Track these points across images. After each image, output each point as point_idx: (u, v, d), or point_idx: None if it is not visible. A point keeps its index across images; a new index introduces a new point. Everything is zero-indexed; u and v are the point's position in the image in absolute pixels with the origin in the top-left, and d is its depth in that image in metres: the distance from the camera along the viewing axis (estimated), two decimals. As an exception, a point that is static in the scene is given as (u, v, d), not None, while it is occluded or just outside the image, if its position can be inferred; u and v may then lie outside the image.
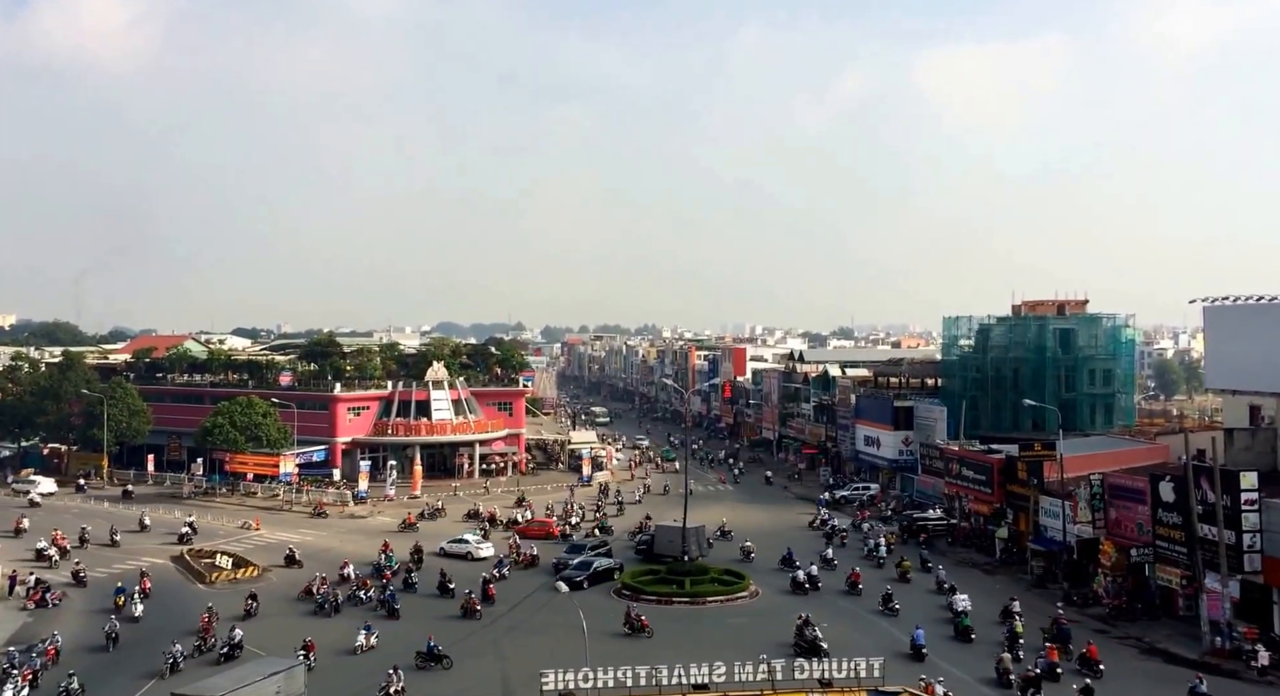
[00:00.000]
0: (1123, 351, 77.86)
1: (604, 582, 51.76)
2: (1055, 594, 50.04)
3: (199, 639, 40.88)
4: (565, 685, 27.00)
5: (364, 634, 40.75)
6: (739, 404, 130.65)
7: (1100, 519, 49.47)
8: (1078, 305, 79.35)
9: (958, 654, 40.03)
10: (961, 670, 37.08)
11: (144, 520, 67.90)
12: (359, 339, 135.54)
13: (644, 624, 42.15)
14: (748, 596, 49.62)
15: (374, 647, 40.24)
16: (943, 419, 76.58)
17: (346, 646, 40.28)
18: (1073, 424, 71.01)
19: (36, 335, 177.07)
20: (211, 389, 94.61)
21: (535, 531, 64.96)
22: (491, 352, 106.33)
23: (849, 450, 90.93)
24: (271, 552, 59.90)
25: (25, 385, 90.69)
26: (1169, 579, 45.61)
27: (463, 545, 59.29)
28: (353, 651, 39.90)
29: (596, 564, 53.10)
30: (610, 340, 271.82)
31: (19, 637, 43.49)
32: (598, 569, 52.59)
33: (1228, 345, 54.32)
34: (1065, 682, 34.68)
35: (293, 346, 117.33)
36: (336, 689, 35.52)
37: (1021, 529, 58.17)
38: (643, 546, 59.49)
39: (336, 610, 46.36)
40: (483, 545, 59.44)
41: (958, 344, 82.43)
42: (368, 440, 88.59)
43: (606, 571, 52.91)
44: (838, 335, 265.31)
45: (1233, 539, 40.70)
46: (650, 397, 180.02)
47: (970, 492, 64.44)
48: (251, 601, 46.02)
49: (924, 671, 34.20)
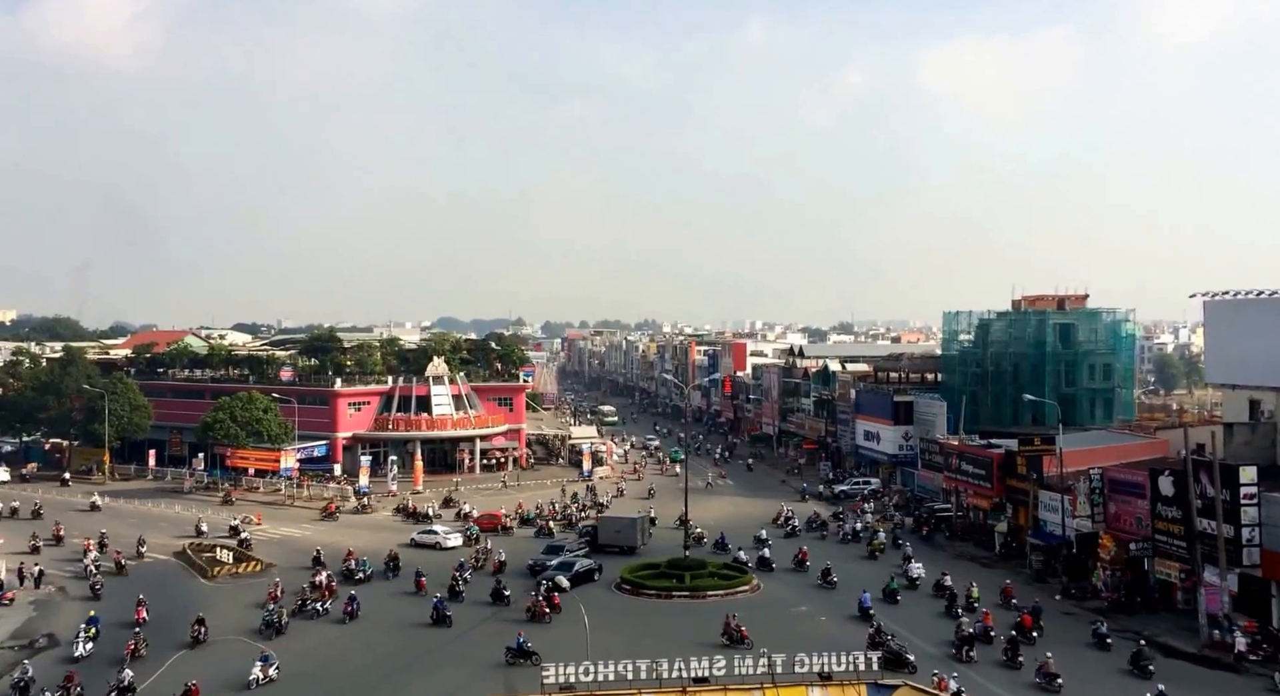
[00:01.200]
0: (1123, 346, 77.83)
1: (586, 583, 50.50)
2: (1054, 588, 50.29)
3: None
4: (565, 678, 26.92)
5: (259, 666, 35.52)
6: (739, 399, 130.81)
7: (1099, 513, 49.57)
8: (1078, 300, 79.34)
9: (902, 613, 45.44)
10: (903, 626, 42.55)
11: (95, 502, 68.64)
12: (359, 334, 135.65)
13: (744, 634, 39.52)
14: (748, 590, 49.74)
15: (272, 681, 35.59)
16: (942, 414, 76.71)
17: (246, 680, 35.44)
18: (1072, 418, 70.96)
19: (37, 330, 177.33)
20: (212, 384, 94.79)
21: (486, 523, 65.62)
22: (492, 348, 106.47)
23: (849, 445, 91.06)
24: (271, 547, 60.11)
25: (26, 380, 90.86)
26: (1168, 573, 45.69)
27: (432, 535, 61.60)
28: (246, 686, 35.13)
29: (579, 564, 51.90)
30: (610, 335, 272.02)
31: (22, 632, 43.61)
32: (580, 570, 51.29)
33: (1228, 339, 54.20)
34: (997, 645, 39.74)
35: (293, 342, 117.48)
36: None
37: (1021, 523, 58.28)
38: (586, 537, 60.28)
39: (280, 631, 41.53)
40: (451, 535, 61.58)
41: (958, 339, 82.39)
42: (368, 435, 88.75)
43: (588, 572, 51.63)
44: (838, 330, 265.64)
45: (1232, 533, 40.77)
46: (650, 393, 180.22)
47: (970, 487, 64.55)
48: (199, 627, 41.12)
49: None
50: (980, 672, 37.03)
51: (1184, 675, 36.42)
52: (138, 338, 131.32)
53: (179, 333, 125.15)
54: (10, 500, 73.61)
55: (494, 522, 65.81)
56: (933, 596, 48.59)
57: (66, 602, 48.93)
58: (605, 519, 62.94)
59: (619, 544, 58.94)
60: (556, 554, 54.09)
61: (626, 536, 59.48)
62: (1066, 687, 34.86)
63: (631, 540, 59.20)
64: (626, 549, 58.49)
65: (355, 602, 44.80)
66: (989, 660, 38.53)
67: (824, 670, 28.04)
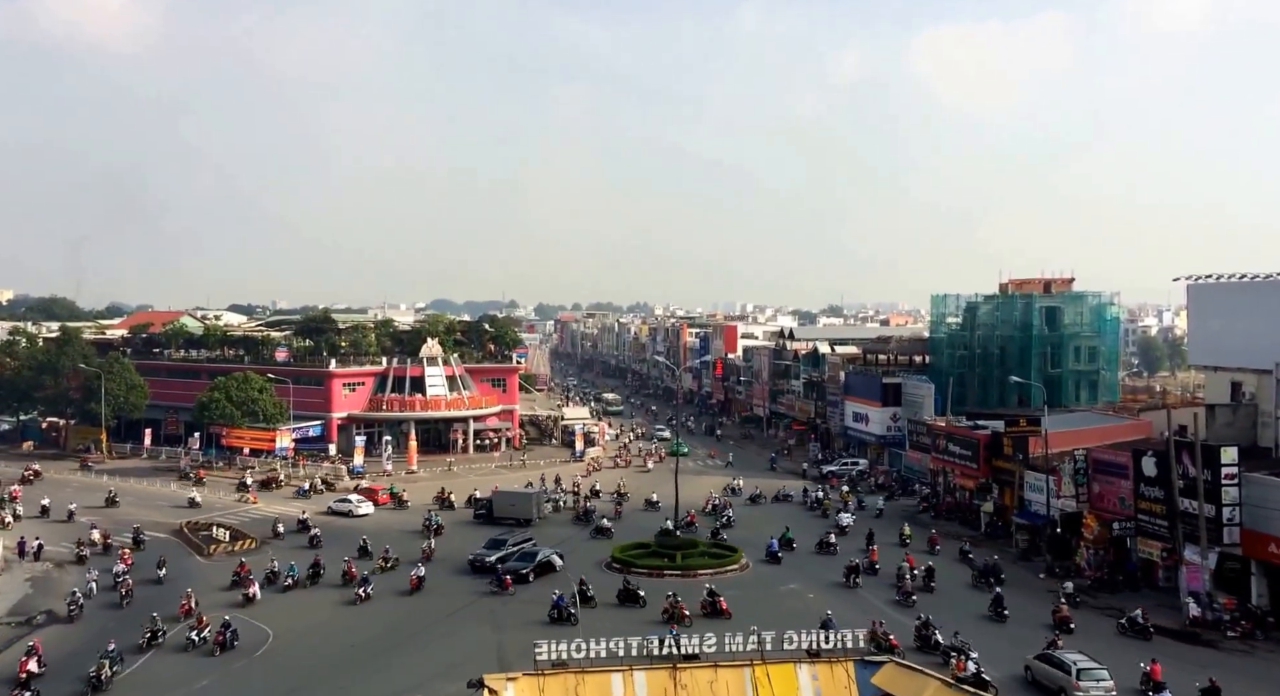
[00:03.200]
0: (1107, 329, 78.63)
1: (548, 574, 48.52)
2: (1038, 566, 51.11)
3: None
4: (559, 655, 27.29)
5: None
6: (730, 381, 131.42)
7: (1083, 493, 50.39)
8: (1063, 283, 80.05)
9: (825, 558, 53.03)
10: (820, 570, 50.44)
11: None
12: (354, 316, 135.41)
13: (724, 608, 41.33)
14: (738, 569, 50.36)
15: None
16: (930, 395, 77.33)
17: None
18: (1058, 400, 71.82)
19: (34, 310, 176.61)
20: (208, 364, 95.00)
21: (368, 498, 67.59)
22: (485, 329, 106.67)
23: (838, 426, 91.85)
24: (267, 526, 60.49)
25: (23, 359, 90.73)
26: (1149, 551, 46.43)
27: (345, 504, 65.25)
28: None
29: (541, 555, 49.78)
30: (603, 318, 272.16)
31: (20, 608, 44.08)
32: (542, 560, 49.27)
33: (1210, 322, 54.89)
34: (884, 576, 48.19)
35: (288, 323, 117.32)
36: None
37: (1006, 503, 59.05)
38: (481, 511, 62.58)
39: (97, 690, 33.13)
40: (362, 504, 65.23)
41: (945, 322, 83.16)
42: (363, 415, 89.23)
43: (549, 563, 49.55)
44: (828, 313, 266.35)
45: (1212, 512, 41.55)
46: (642, 375, 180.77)
47: (956, 467, 65.29)
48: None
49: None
50: (856, 595, 45.86)
51: (1168, 651, 37.26)
52: (134, 318, 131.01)
53: (175, 313, 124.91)
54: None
55: (372, 497, 67.71)
56: (863, 548, 53.38)
57: (64, 578, 49.28)
58: (500, 492, 64.23)
59: (514, 516, 60.88)
60: (498, 547, 50.74)
61: (521, 509, 61.33)
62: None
63: (527, 513, 61.05)
64: (522, 521, 60.18)
65: (230, 631, 37.81)
66: (876, 591, 46.40)
67: (812, 647, 28.49)
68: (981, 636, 38.07)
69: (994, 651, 36.31)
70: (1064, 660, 33.25)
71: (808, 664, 27.59)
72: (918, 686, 26.32)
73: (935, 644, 35.80)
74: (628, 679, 26.83)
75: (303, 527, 58.33)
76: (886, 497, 69.93)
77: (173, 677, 34.86)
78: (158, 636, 37.92)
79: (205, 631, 37.90)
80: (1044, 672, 33.72)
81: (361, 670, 35.97)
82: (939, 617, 38.95)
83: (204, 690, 33.78)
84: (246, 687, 34.23)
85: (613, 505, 66.47)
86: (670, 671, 26.99)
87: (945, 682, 26.48)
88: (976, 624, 41.00)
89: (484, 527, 59.37)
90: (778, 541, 53.72)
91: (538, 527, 59.44)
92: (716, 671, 27.21)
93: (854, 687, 27.14)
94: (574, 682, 26.58)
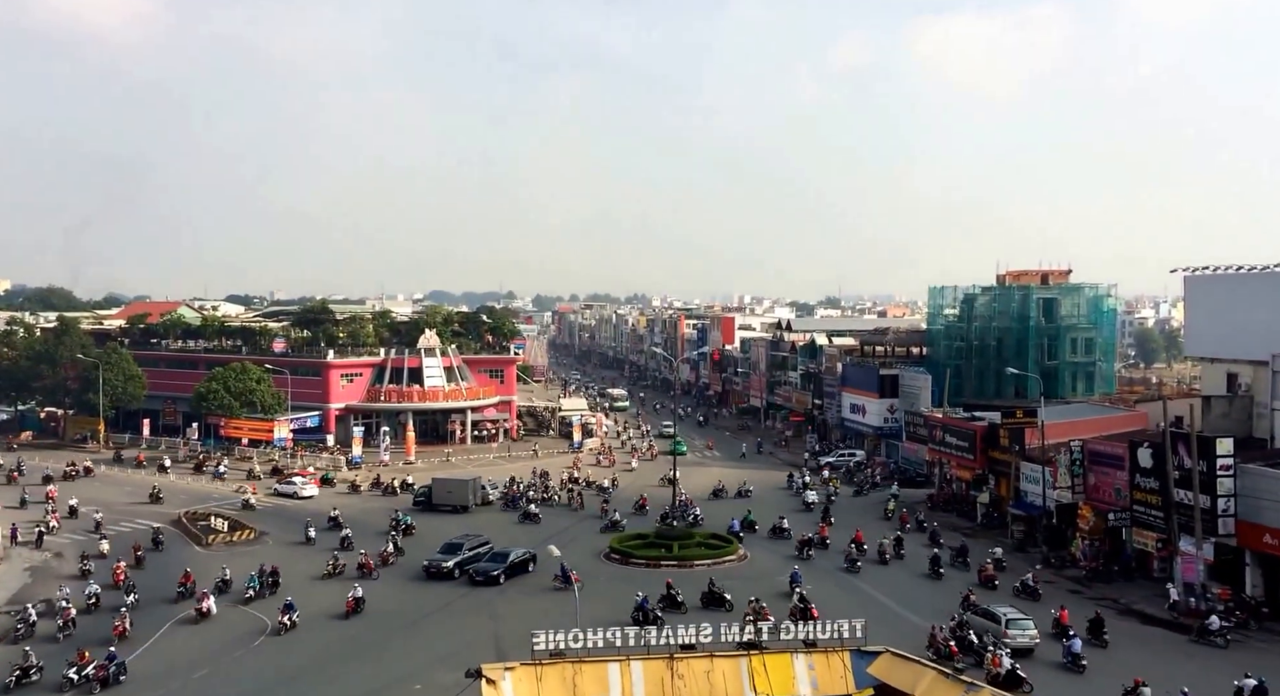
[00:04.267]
0: (1104, 320, 78.77)
1: (521, 575, 46.94)
2: (1034, 557, 51.29)
3: None
4: (556, 645, 27.16)
5: None
6: (727, 372, 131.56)
7: (1079, 484, 50.41)
8: (1061, 275, 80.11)
9: (781, 541, 55.57)
10: (779, 545, 54.13)
11: None
12: (352, 306, 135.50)
13: (725, 597, 41.93)
14: (735, 560, 50.53)
15: None
16: (927, 386, 77.27)
17: None
18: (1054, 391, 72.03)
19: (31, 300, 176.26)
20: (206, 355, 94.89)
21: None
22: (483, 321, 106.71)
23: (835, 417, 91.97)
24: (265, 517, 60.75)
25: (21, 350, 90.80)
26: (1145, 542, 46.59)
27: (290, 486, 67.76)
28: None
29: (514, 554, 47.53)
30: (600, 309, 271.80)
31: (20, 597, 43.99)
32: (515, 560, 47.17)
33: (1207, 314, 54.77)
34: (834, 549, 52.41)
35: (286, 313, 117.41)
36: None
37: (1002, 494, 59.19)
38: (421, 498, 64.25)
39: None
40: (307, 486, 67.56)
41: (943, 313, 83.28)
42: (361, 406, 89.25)
43: (523, 562, 47.65)
44: (825, 304, 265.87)
45: (1208, 503, 41.55)
46: (640, 366, 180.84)
47: (953, 458, 65.41)
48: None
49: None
50: (809, 564, 49.31)
51: (1160, 641, 37.46)
52: (131, 308, 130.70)
53: (172, 304, 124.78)
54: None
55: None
56: (822, 520, 58.19)
57: (64, 567, 49.45)
58: (439, 479, 65.84)
59: (451, 503, 62.59)
60: (455, 551, 47.80)
61: (458, 496, 63.04)
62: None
63: (463, 500, 62.75)
64: (459, 508, 61.90)
65: (115, 665, 33.65)
66: (828, 560, 51.00)
67: (808, 637, 28.44)
68: (917, 590, 45.15)
69: (929, 605, 42.44)
70: (995, 612, 37.91)
71: (804, 653, 27.50)
72: (914, 676, 26.18)
73: (969, 643, 35.73)
74: (625, 669, 26.72)
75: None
76: (856, 492, 70.63)
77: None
78: (29, 673, 33.10)
79: (88, 668, 32.90)
80: (978, 623, 37.67)
81: (358, 659, 36.04)
82: (880, 581, 44.71)
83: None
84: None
85: (599, 502, 64.00)
86: (667, 661, 26.94)
87: (941, 672, 26.33)
88: (915, 580, 47.67)
89: (461, 522, 58.04)
90: (739, 522, 56.69)
91: (479, 520, 59.19)
92: (713, 661, 27.13)
93: (850, 677, 27.08)
94: (571, 672, 26.47)
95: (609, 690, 26.44)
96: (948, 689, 24.80)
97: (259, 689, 33.50)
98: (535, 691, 25.87)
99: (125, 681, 33.42)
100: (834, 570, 49.15)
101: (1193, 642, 37.89)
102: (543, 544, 44.78)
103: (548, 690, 26.03)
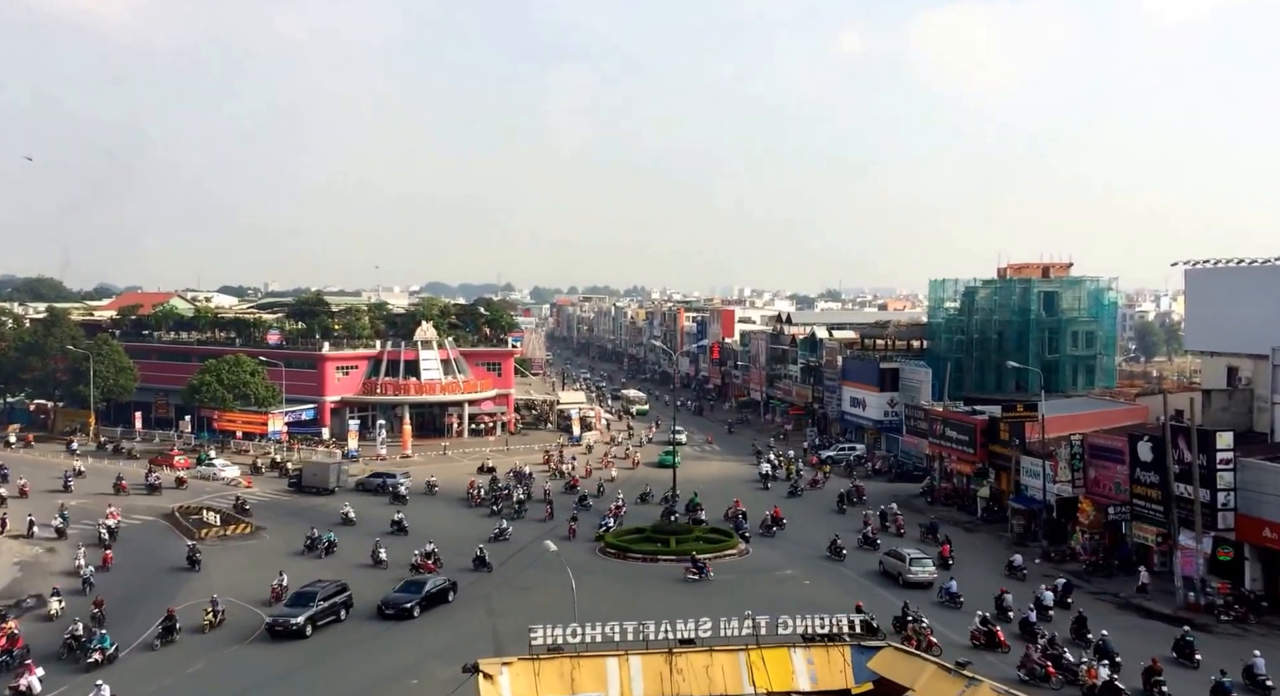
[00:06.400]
0: (1105, 314, 78.50)
1: (440, 605, 41.61)
2: (1034, 551, 51.01)
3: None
4: (554, 640, 26.54)
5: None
6: (727, 365, 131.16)
7: (1080, 478, 50.19)
8: (1062, 268, 79.80)
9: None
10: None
11: None
12: (347, 298, 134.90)
13: (707, 566, 45.68)
14: (736, 554, 50.26)
15: None
16: (927, 380, 77.09)
17: None
18: (1055, 385, 71.70)
19: (20, 290, 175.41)
20: (199, 347, 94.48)
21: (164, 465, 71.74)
22: (480, 313, 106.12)
23: (835, 411, 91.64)
24: (260, 510, 60.36)
25: (9, 341, 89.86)
26: (1145, 536, 46.42)
27: (211, 468, 71.46)
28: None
29: (430, 584, 42.17)
30: (599, 301, 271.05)
31: (10, 591, 43.68)
32: (432, 590, 41.69)
33: (1207, 307, 54.67)
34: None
35: (280, 305, 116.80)
36: None
37: (1003, 488, 58.95)
38: (294, 481, 68.38)
39: None
40: (227, 468, 71.46)
41: (943, 306, 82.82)
42: (356, 399, 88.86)
43: (441, 592, 42.35)
44: (826, 298, 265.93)
45: (1208, 497, 41.32)
46: (639, 359, 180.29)
47: (953, 453, 65.14)
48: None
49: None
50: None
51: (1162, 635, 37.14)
52: (123, 299, 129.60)
53: (164, 295, 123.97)
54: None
55: (167, 462, 72.04)
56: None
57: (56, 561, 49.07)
58: (309, 464, 70.97)
59: (316, 485, 66.64)
60: (307, 604, 38.53)
61: (322, 479, 67.01)
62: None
63: (326, 483, 66.67)
64: (324, 490, 65.72)
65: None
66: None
67: (808, 632, 27.98)
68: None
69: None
70: (902, 552, 46.86)
71: (803, 647, 27.22)
72: (915, 670, 25.93)
73: (1064, 663, 35.13)
74: (623, 663, 26.47)
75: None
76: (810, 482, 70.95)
77: None
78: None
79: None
80: (890, 563, 46.94)
81: (356, 651, 35.78)
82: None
83: None
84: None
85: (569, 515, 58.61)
86: (666, 656, 26.61)
87: (942, 667, 26.00)
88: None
89: (410, 541, 52.39)
90: (686, 505, 59.53)
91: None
92: (712, 656, 26.81)
93: (850, 671, 26.80)
94: (569, 667, 26.18)
95: (607, 685, 26.21)
96: (949, 683, 24.49)
97: (255, 684, 33.27)
98: (533, 686, 25.62)
99: (118, 665, 33.72)
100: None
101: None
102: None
103: (545, 685, 25.80)
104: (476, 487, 65.62)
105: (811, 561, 49.90)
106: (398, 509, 58.81)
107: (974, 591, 42.46)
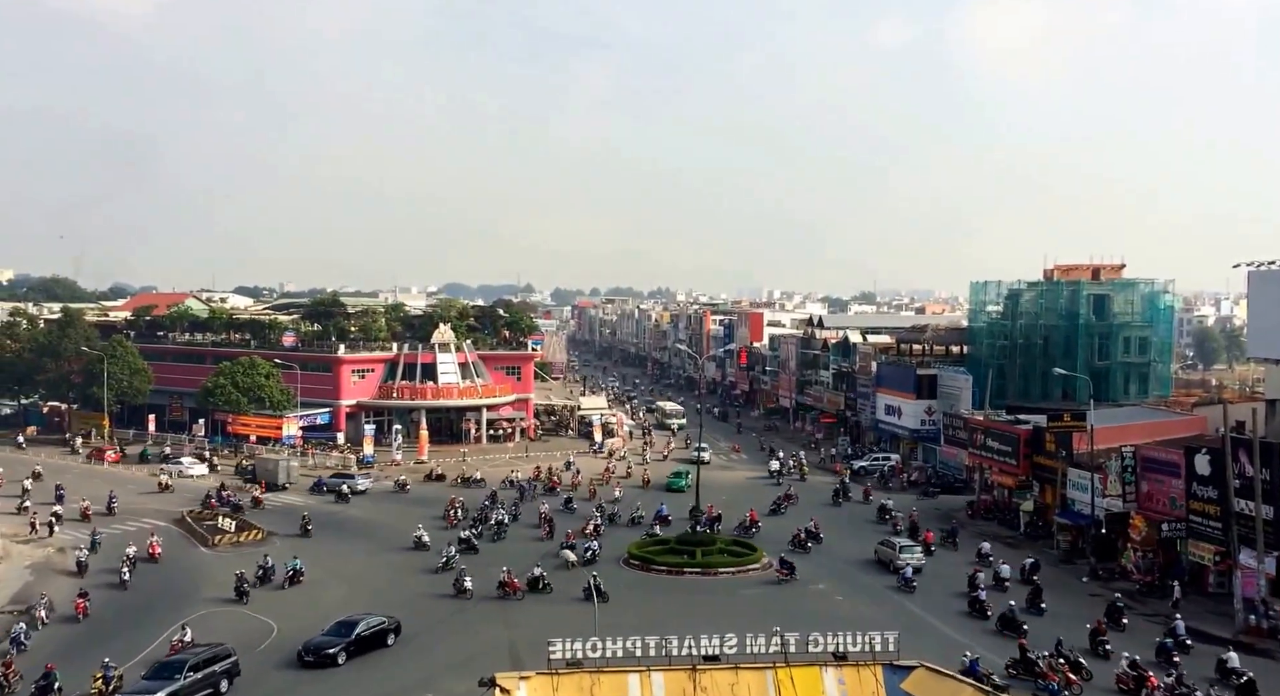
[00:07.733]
0: (1160, 318, 75.80)
1: (377, 648, 36.41)
2: (1082, 569, 49.34)
3: None
4: (573, 654, 26.46)
5: None
6: (755, 370, 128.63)
7: (1131, 492, 48.64)
8: (1113, 270, 77.25)
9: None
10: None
11: None
12: (363, 299, 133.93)
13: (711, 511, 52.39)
14: (760, 568, 48.59)
15: None
16: (968, 388, 74.79)
17: None
18: (1105, 394, 69.24)
19: (35, 291, 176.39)
20: (213, 348, 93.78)
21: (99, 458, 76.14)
22: (500, 315, 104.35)
23: (869, 419, 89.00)
24: (272, 517, 59.14)
25: (24, 342, 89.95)
26: (1201, 555, 44.69)
27: (178, 465, 73.08)
28: None
29: (362, 625, 36.40)
30: (622, 303, 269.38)
31: (20, 597, 43.22)
32: (363, 633, 36.16)
33: (1272, 312, 52.53)
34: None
35: (296, 306, 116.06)
36: None
37: (1048, 502, 57.06)
38: (248, 475, 71.30)
39: None
40: (194, 465, 73.72)
41: (985, 310, 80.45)
42: (372, 403, 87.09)
43: (378, 634, 36.79)
44: (859, 300, 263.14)
45: (1271, 514, 39.78)
46: (663, 363, 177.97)
47: (995, 464, 62.86)
48: None
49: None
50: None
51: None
52: (137, 300, 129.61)
53: (179, 295, 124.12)
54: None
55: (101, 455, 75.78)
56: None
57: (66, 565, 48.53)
58: (261, 458, 74.13)
59: (268, 479, 69.34)
60: (172, 676, 31.41)
61: (271, 474, 69.84)
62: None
63: (274, 478, 69.54)
64: (275, 486, 68.53)
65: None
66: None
67: (839, 649, 27.52)
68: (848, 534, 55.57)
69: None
70: (893, 542, 50.34)
71: (834, 667, 27.09)
72: (950, 692, 25.97)
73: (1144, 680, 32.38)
74: (645, 680, 26.41)
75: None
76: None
77: None
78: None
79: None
80: (883, 552, 50.00)
81: (369, 665, 34.70)
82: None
83: None
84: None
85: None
86: (690, 673, 26.68)
87: (979, 689, 26.16)
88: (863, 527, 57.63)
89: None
90: (666, 507, 59.69)
91: None
92: (738, 673, 26.69)
93: (883, 692, 26.63)
94: (589, 683, 26.13)
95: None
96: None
97: (268, 692, 32.96)
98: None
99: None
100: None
101: None
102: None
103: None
104: (456, 506, 58.75)
105: (846, 575, 48.16)
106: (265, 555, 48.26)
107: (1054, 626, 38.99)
